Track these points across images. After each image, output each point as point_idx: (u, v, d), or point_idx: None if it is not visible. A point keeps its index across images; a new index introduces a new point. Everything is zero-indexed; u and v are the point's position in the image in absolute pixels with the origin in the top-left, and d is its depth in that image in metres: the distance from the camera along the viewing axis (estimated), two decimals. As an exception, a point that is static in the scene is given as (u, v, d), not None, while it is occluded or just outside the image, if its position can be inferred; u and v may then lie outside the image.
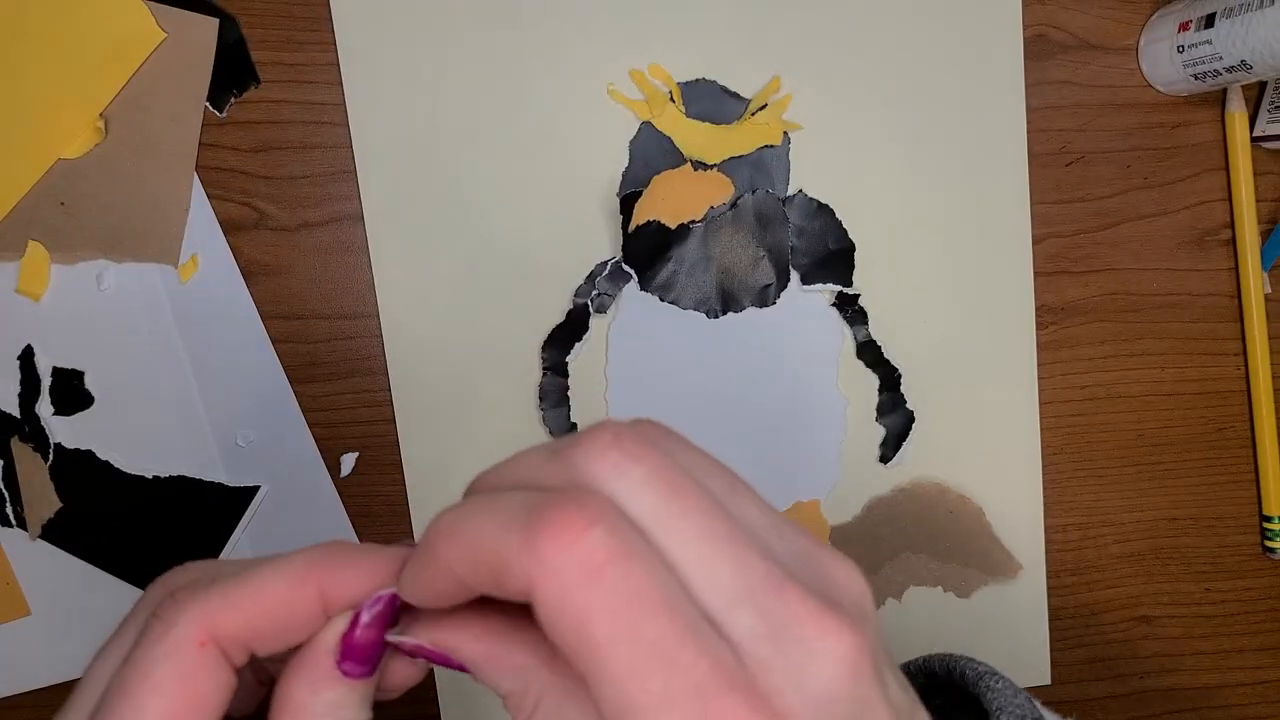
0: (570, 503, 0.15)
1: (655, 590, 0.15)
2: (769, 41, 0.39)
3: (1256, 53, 0.37)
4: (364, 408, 0.39)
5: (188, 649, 0.19)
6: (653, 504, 0.16)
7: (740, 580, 0.16)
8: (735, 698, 0.15)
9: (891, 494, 0.42)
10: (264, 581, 0.19)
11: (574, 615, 0.15)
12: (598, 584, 0.15)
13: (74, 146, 0.37)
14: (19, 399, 0.38)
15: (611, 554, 0.15)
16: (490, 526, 0.16)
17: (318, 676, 0.20)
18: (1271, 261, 0.44)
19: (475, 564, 0.17)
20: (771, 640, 0.16)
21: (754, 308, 0.40)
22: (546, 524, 0.15)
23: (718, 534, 0.16)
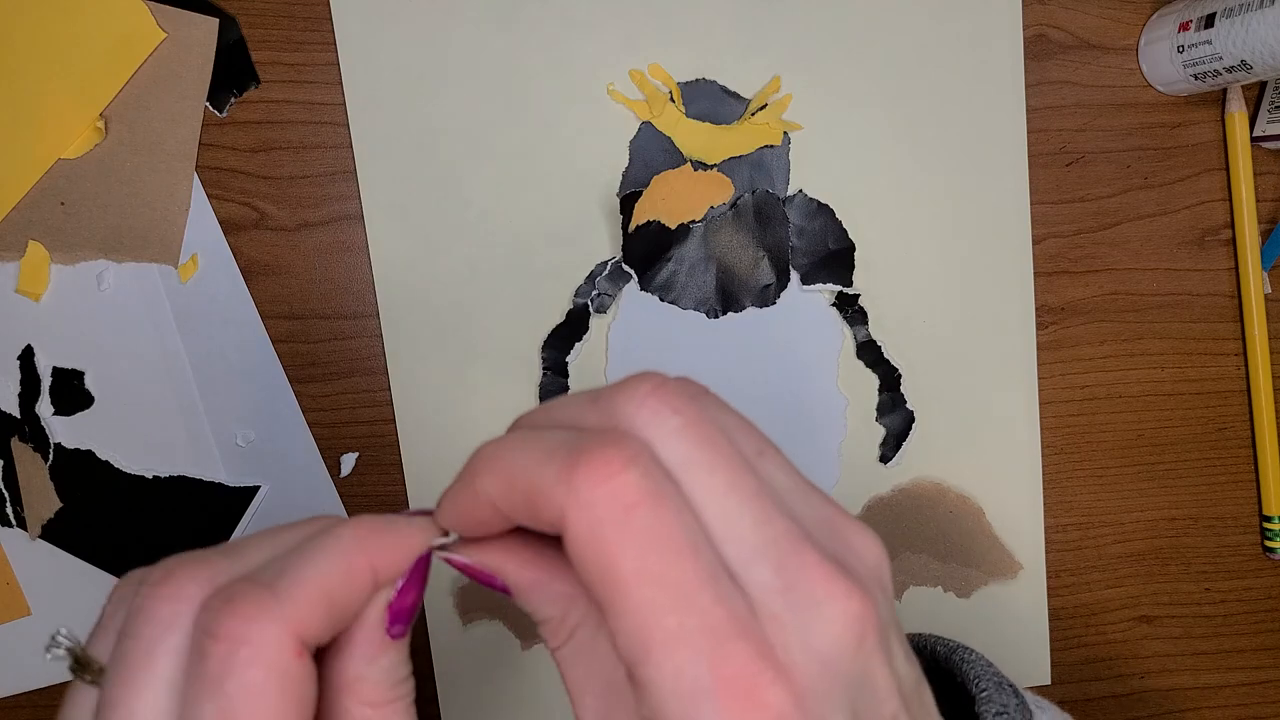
0: (608, 443, 0.16)
1: (681, 534, 0.16)
2: (769, 41, 0.39)
3: (1256, 53, 0.37)
4: (364, 408, 0.39)
5: (289, 664, 0.18)
6: (685, 453, 0.17)
7: (761, 535, 0.17)
8: (743, 645, 0.16)
9: (891, 494, 0.42)
10: (328, 572, 0.19)
11: (602, 549, 0.16)
12: (628, 522, 0.16)
13: (74, 146, 0.37)
14: (19, 399, 0.38)
15: (643, 495, 0.16)
16: (530, 458, 0.17)
17: (371, 648, 0.20)
18: (1271, 261, 0.44)
19: (512, 493, 0.18)
20: (784, 596, 0.17)
21: (754, 308, 0.40)
22: (584, 461, 0.16)
23: (744, 489, 0.17)
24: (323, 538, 0.20)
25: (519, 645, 0.41)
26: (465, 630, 0.40)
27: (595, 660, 0.20)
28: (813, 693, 0.17)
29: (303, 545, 0.20)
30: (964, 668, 0.25)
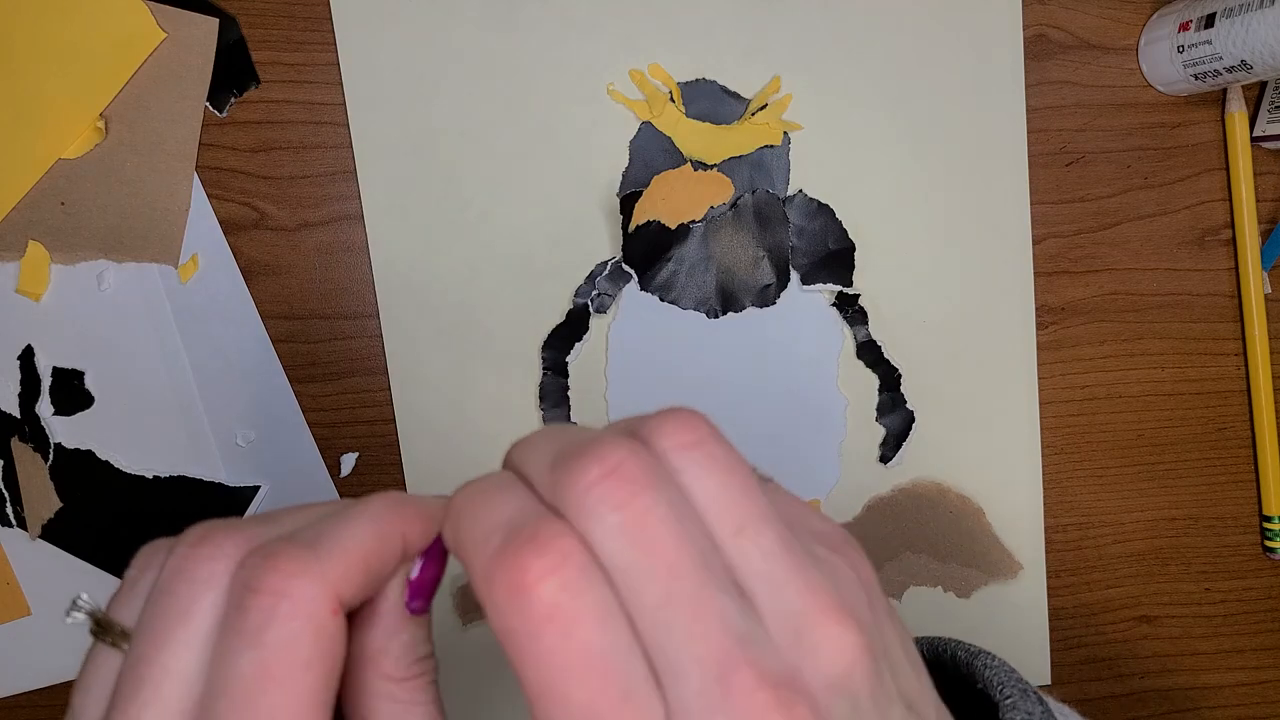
0: (534, 547, 0.16)
1: (595, 653, 0.15)
2: (769, 41, 0.39)
3: (1256, 53, 0.37)
4: (364, 408, 0.39)
5: (325, 620, 0.18)
6: (622, 555, 0.16)
7: (691, 651, 0.15)
8: None
9: (891, 494, 0.42)
10: (365, 540, 0.19)
11: (514, 655, 0.15)
12: (539, 636, 0.15)
13: (74, 146, 0.37)
14: (19, 399, 0.38)
15: (557, 610, 0.15)
16: (473, 535, 0.17)
17: (392, 622, 0.20)
18: (1271, 261, 0.44)
19: (461, 556, 0.18)
20: (705, 713, 0.15)
21: (754, 308, 0.40)
22: (504, 563, 0.16)
23: (680, 599, 0.16)
24: (357, 506, 0.20)
25: (519, 645, 0.41)
26: (465, 630, 0.40)
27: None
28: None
29: (338, 512, 0.20)
30: (986, 674, 0.25)
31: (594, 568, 0.16)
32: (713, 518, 0.17)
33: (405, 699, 0.21)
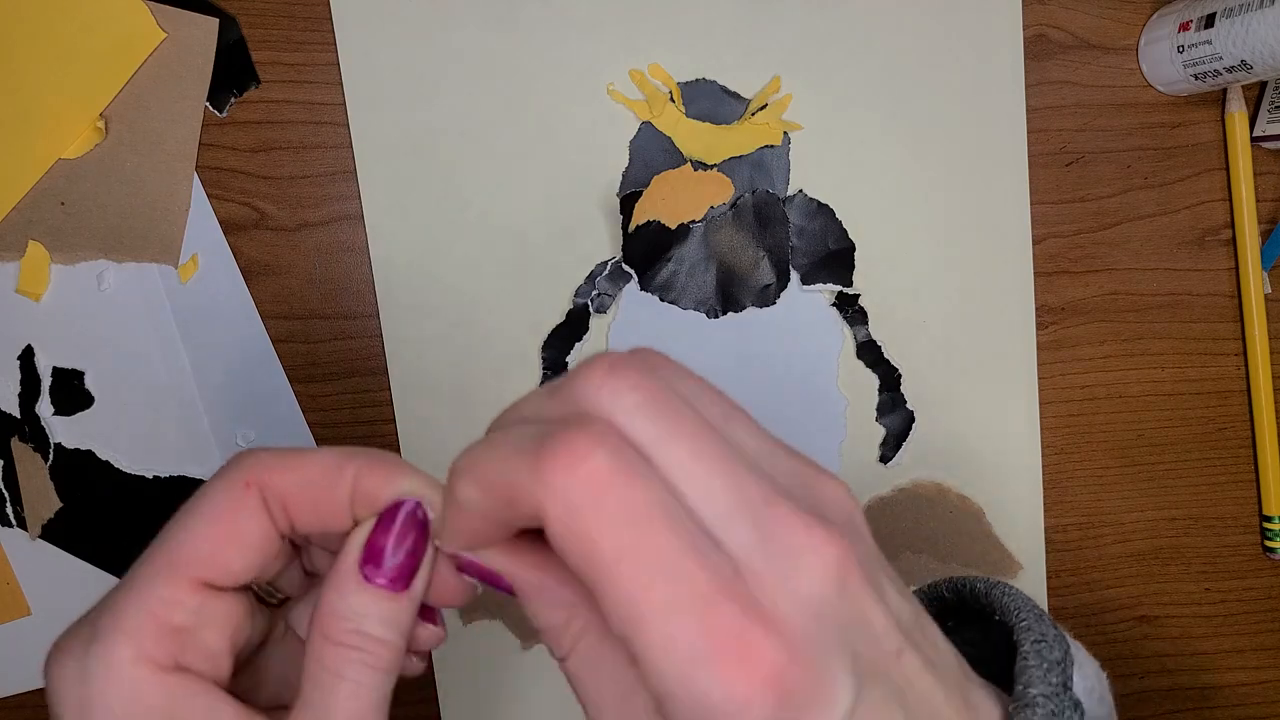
0: (573, 430, 0.16)
1: (655, 507, 0.16)
2: (769, 42, 0.39)
3: (1256, 53, 0.37)
4: (364, 408, 0.39)
5: (235, 488, 0.21)
6: (649, 428, 0.17)
7: (733, 497, 0.17)
8: (730, 605, 0.16)
9: (892, 494, 0.42)
10: (308, 456, 0.22)
11: (581, 534, 0.16)
12: (602, 503, 0.16)
13: (74, 146, 0.37)
14: (19, 399, 0.38)
15: (614, 474, 0.16)
16: (500, 459, 0.18)
17: (343, 580, 0.21)
18: (1271, 261, 0.44)
19: (492, 497, 0.18)
20: (763, 551, 0.17)
21: (754, 308, 0.40)
22: (551, 450, 0.16)
23: (711, 455, 0.17)
24: (336, 447, 0.23)
25: (519, 645, 0.41)
26: (465, 630, 0.40)
27: (605, 670, 0.20)
28: (806, 641, 0.17)
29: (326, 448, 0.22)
30: (1004, 600, 0.25)
31: (629, 442, 0.17)
32: (701, 407, 0.18)
33: (329, 666, 0.21)
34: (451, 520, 0.20)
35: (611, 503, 0.16)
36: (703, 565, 0.16)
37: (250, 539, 0.21)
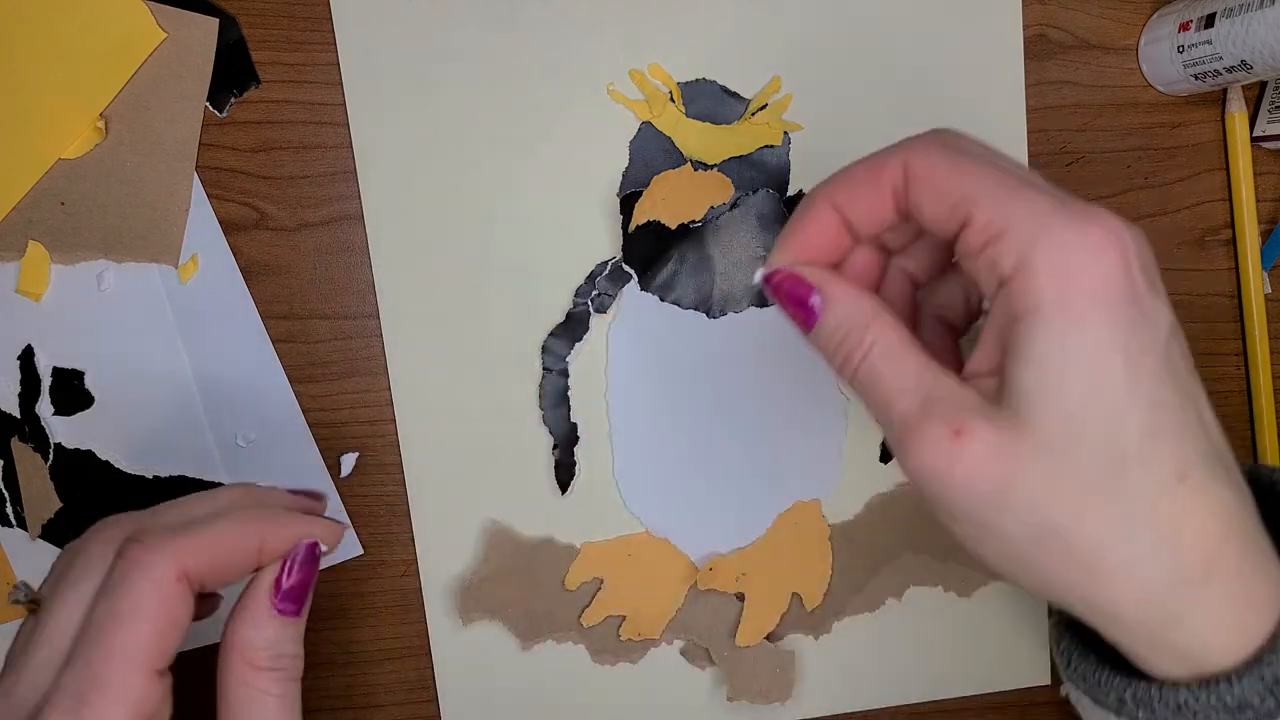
0: None
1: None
2: (769, 41, 0.39)
3: (1256, 53, 0.37)
4: (364, 408, 0.39)
5: (168, 584, 0.24)
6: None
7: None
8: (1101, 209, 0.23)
9: (892, 494, 0.42)
10: (221, 533, 0.25)
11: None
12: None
13: (74, 146, 0.37)
14: (19, 399, 0.38)
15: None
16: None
17: (259, 617, 0.26)
18: (1271, 261, 0.44)
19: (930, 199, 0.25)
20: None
21: (754, 308, 0.40)
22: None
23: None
24: (226, 509, 0.27)
25: (519, 645, 0.41)
26: (465, 630, 0.40)
27: (898, 360, 0.25)
28: (1145, 255, 0.24)
29: (212, 512, 0.26)
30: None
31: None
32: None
33: (259, 687, 0.25)
34: (796, 237, 0.27)
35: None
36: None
37: (185, 624, 0.25)
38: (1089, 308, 0.22)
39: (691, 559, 0.41)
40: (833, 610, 0.42)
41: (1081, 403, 0.22)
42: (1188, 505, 0.22)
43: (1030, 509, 0.22)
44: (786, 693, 0.41)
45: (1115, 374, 0.22)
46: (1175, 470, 0.22)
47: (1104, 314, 0.22)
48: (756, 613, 0.41)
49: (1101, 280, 0.22)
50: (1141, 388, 0.22)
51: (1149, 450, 0.22)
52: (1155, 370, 0.22)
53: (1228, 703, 0.22)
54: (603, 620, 0.41)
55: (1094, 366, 0.22)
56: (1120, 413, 0.22)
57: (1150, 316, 0.23)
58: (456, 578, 0.40)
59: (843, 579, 0.42)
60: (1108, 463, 0.22)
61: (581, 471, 0.40)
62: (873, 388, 0.25)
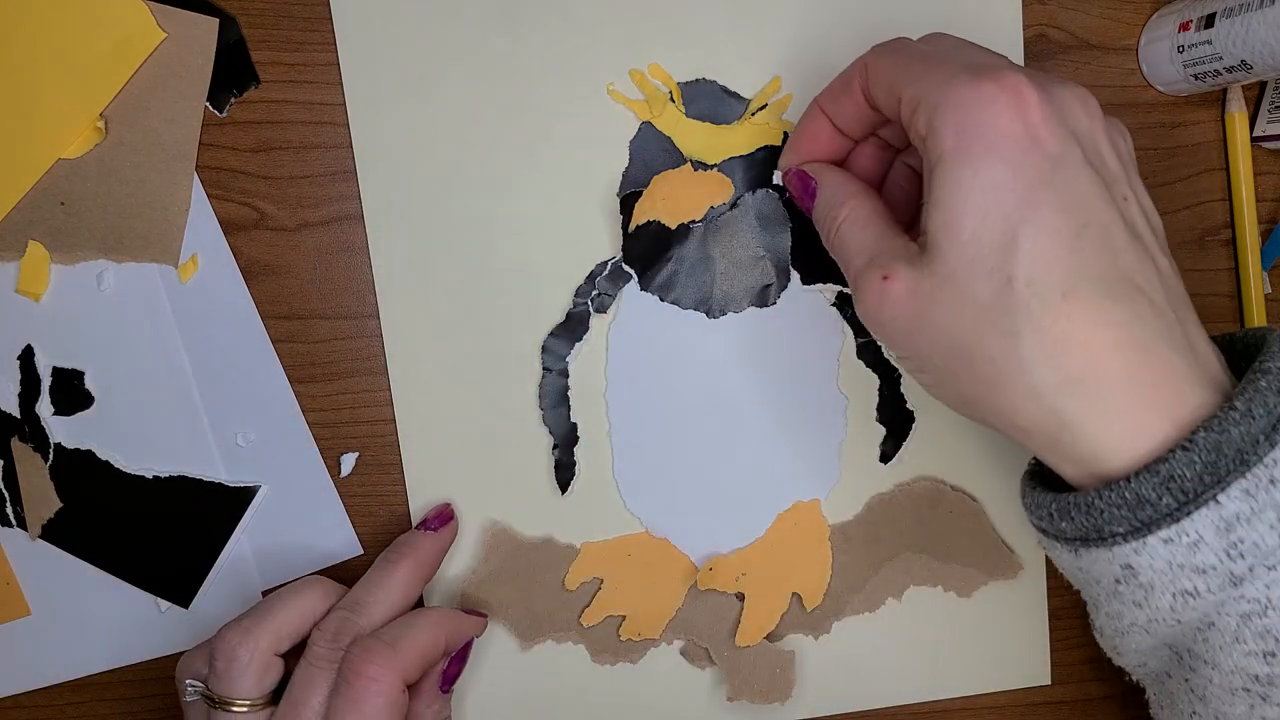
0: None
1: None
2: (769, 42, 0.39)
3: (1256, 53, 0.37)
4: (364, 408, 0.39)
5: (396, 694, 0.32)
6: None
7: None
8: (1016, 74, 0.26)
9: (892, 494, 0.42)
10: (425, 645, 0.34)
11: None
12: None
13: (74, 146, 0.37)
14: (19, 399, 0.38)
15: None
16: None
17: (431, 696, 0.35)
18: (1271, 261, 0.44)
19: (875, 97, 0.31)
20: (1048, 81, 0.27)
21: (754, 307, 0.40)
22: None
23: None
24: (422, 616, 0.35)
25: (519, 645, 0.41)
26: (465, 630, 0.40)
27: (867, 217, 0.31)
28: (1056, 112, 0.26)
29: (408, 620, 0.35)
30: (1270, 336, 0.28)
31: None
32: None
33: None
34: (798, 141, 0.35)
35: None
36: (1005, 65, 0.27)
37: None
38: (982, 152, 0.25)
39: (691, 559, 0.41)
40: (832, 610, 0.42)
41: (974, 235, 0.25)
42: (1072, 319, 0.25)
43: (941, 333, 0.27)
44: (786, 693, 0.41)
45: (1004, 207, 0.25)
46: (1059, 288, 0.25)
47: (995, 155, 0.25)
48: (756, 613, 0.41)
49: (992, 127, 0.25)
50: (1031, 216, 0.25)
51: (1034, 272, 0.25)
52: (1047, 200, 0.25)
53: (1128, 499, 0.24)
54: (602, 620, 0.41)
55: (985, 202, 0.25)
56: (1008, 241, 0.25)
57: (1046, 153, 0.25)
58: (456, 578, 0.40)
59: (842, 579, 0.42)
60: (999, 285, 0.25)
61: (581, 471, 0.40)
62: (841, 250, 0.31)
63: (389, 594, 0.35)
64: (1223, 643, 0.25)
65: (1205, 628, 0.25)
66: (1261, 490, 0.24)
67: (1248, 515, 0.24)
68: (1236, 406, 0.24)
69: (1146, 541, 0.24)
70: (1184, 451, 0.24)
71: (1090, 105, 0.27)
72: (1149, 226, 0.28)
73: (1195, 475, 0.24)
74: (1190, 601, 0.25)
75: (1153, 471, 0.24)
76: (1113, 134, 0.28)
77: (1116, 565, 0.26)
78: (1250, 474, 0.24)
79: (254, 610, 0.34)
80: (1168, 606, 0.25)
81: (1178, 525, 0.24)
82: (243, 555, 0.39)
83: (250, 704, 0.33)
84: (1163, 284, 0.27)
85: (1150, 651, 0.28)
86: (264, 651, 0.33)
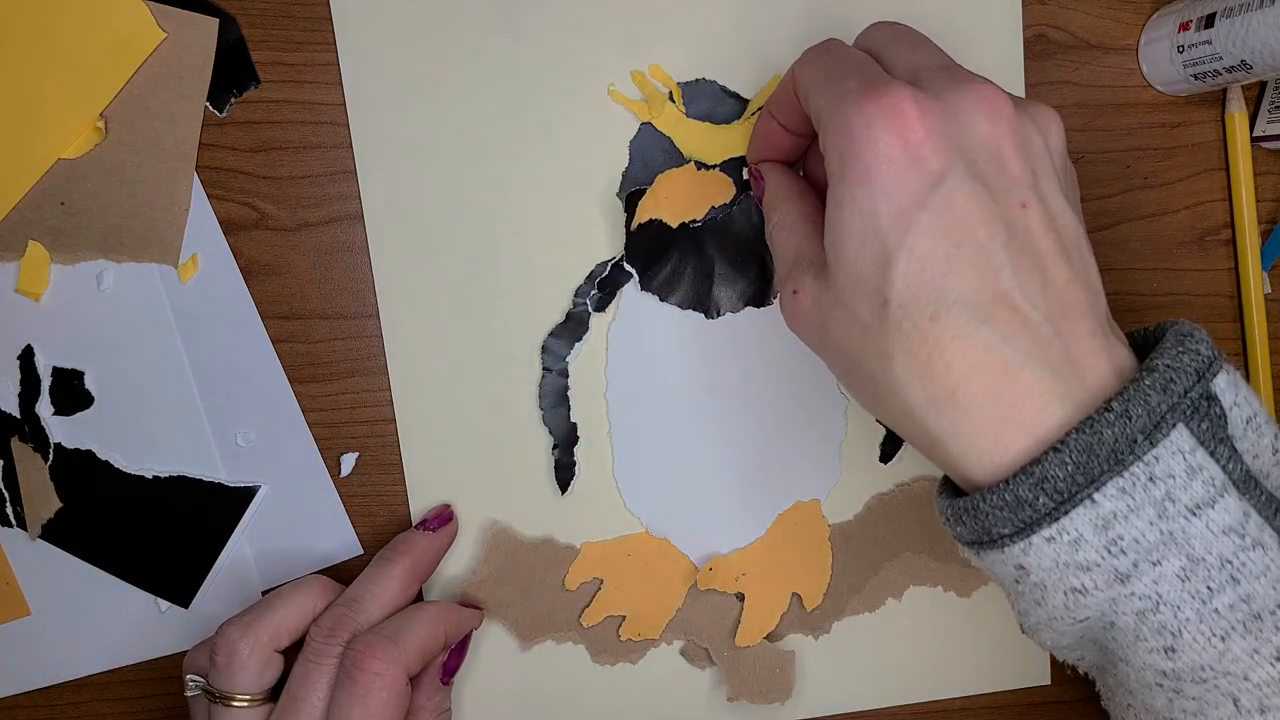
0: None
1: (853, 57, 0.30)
2: (769, 41, 0.39)
3: (1256, 53, 0.37)
4: (364, 408, 0.39)
5: (400, 687, 0.33)
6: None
7: (939, 60, 0.30)
8: (895, 88, 0.26)
9: (892, 494, 0.42)
10: (426, 638, 0.35)
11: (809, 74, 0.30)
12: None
13: (74, 146, 0.37)
14: (19, 399, 0.38)
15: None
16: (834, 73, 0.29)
17: (432, 688, 0.36)
18: (1271, 261, 0.44)
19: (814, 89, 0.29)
20: (948, 79, 0.27)
21: (754, 308, 0.40)
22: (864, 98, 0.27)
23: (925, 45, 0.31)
24: (421, 610, 0.36)
25: (519, 645, 0.41)
26: (465, 630, 0.40)
27: (789, 236, 0.32)
28: (941, 128, 0.26)
29: (408, 614, 0.35)
30: (1174, 327, 0.28)
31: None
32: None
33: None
34: (752, 142, 0.37)
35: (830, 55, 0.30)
36: (871, 71, 0.28)
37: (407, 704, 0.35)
38: (859, 177, 0.26)
39: (691, 559, 0.41)
40: (832, 610, 0.42)
41: (855, 258, 0.26)
42: (938, 341, 0.25)
43: (837, 348, 0.28)
44: (786, 693, 0.41)
45: (880, 231, 0.26)
46: (928, 311, 0.25)
47: (871, 179, 0.26)
48: (756, 613, 0.41)
49: (869, 151, 0.26)
50: (903, 240, 0.25)
51: (905, 294, 0.26)
52: (920, 222, 0.25)
53: (1008, 500, 0.25)
54: (602, 620, 0.41)
55: (862, 225, 0.26)
56: (884, 264, 0.26)
57: (926, 171, 0.25)
58: (456, 578, 0.40)
59: (842, 579, 0.42)
60: (877, 306, 0.26)
61: (581, 471, 0.40)
62: (772, 252, 0.33)
63: (385, 590, 0.35)
64: (1126, 640, 0.26)
65: (1108, 626, 0.26)
66: (1139, 488, 0.24)
67: (1124, 512, 0.24)
68: (1112, 408, 0.24)
69: (1032, 541, 0.25)
70: (1055, 453, 0.25)
71: (996, 106, 0.26)
72: (1050, 229, 0.26)
73: (1068, 475, 0.24)
74: (1081, 599, 0.25)
75: (1027, 473, 0.25)
76: (1027, 132, 0.27)
77: (1010, 566, 0.26)
78: (1127, 472, 0.24)
79: (254, 607, 0.35)
80: (1062, 604, 0.26)
81: (1058, 524, 0.25)
82: (242, 555, 0.39)
83: (250, 699, 0.33)
84: (1046, 297, 0.26)
85: (1072, 648, 0.28)
86: (264, 647, 0.34)
